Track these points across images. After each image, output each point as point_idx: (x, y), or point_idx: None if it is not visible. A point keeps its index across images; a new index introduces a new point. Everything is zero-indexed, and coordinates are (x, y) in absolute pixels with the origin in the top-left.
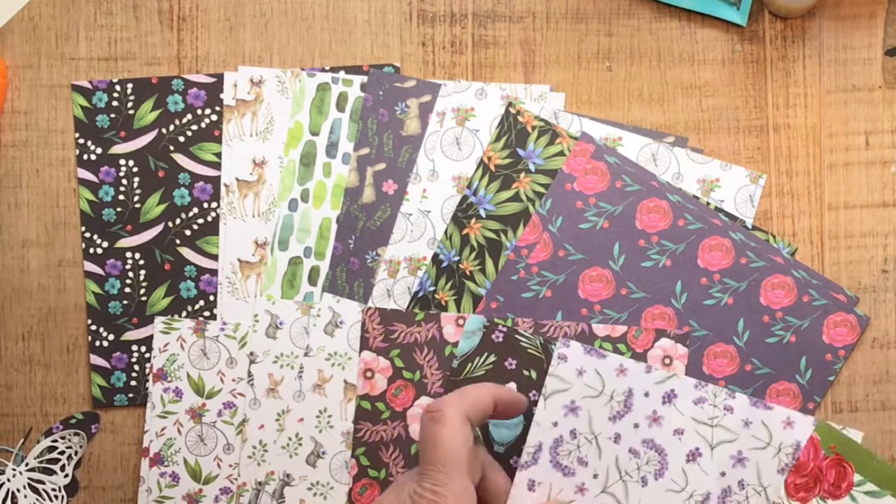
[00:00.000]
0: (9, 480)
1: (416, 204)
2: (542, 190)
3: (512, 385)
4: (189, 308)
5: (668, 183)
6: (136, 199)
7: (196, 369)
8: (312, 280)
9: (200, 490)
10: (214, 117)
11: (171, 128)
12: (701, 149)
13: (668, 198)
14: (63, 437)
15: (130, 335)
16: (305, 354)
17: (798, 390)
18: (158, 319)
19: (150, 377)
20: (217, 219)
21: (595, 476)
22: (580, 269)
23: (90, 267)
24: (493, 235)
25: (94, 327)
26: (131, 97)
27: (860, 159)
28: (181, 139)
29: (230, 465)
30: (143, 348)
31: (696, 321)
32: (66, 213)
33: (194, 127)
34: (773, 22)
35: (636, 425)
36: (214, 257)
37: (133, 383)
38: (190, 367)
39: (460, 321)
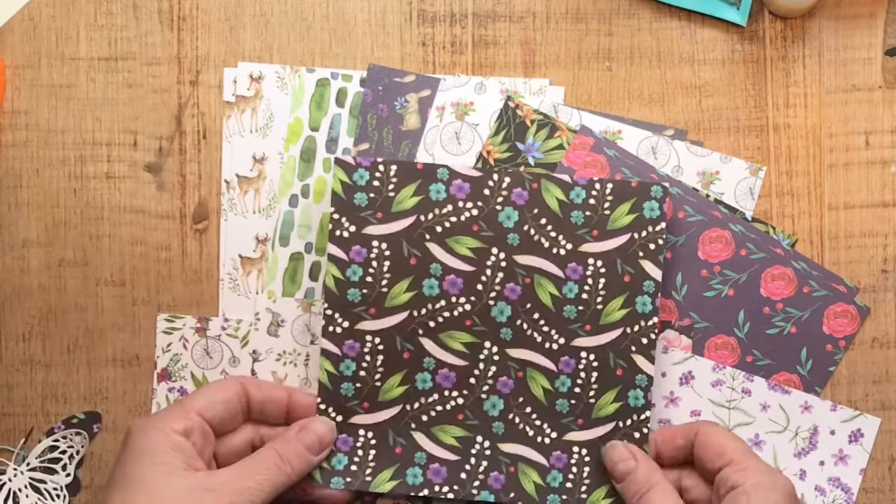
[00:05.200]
0: (10, 480)
1: None
2: None
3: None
4: (422, 400)
5: (667, 175)
6: (384, 282)
7: (200, 368)
8: (314, 276)
9: None
10: (475, 212)
11: (430, 216)
12: (701, 142)
13: None
14: (64, 437)
15: (358, 419)
16: (311, 343)
17: (799, 381)
18: (161, 318)
19: (155, 377)
20: (463, 314)
21: None
22: None
23: (327, 345)
24: None
25: (322, 406)
26: (393, 179)
27: (860, 159)
28: (438, 229)
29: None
30: (370, 434)
31: (697, 313)
32: (67, 213)
33: (453, 219)
34: (773, 22)
35: (653, 405)
36: (456, 352)
37: (353, 468)
38: (193, 367)
39: None
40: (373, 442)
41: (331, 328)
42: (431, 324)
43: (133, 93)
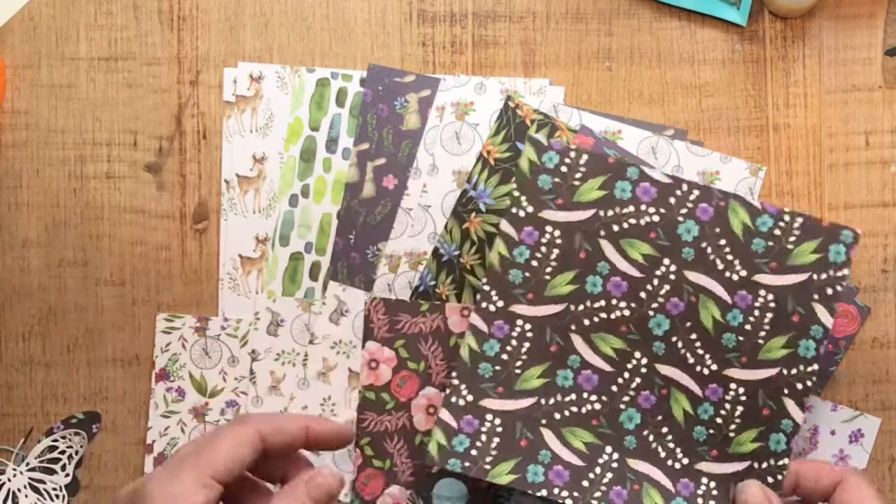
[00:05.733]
0: (10, 480)
1: (416, 199)
2: None
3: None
4: (559, 397)
5: None
6: (548, 270)
7: (198, 368)
8: (314, 275)
9: None
10: (656, 218)
11: (610, 213)
12: (701, 141)
13: None
14: (64, 437)
15: (489, 402)
16: (310, 342)
17: None
18: (160, 317)
19: (153, 377)
20: (619, 319)
21: None
22: None
23: (476, 321)
24: (493, 229)
25: (455, 382)
26: (582, 168)
27: (860, 159)
28: (615, 228)
29: None
30: (498, 421)
31: None
32: (67, 213)
33: (632, 220)
34: (773, 22)
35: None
36: (604, 356)
37: (473, 452)
38: (192, 367)
39: (465, 312)
40: (499, 430)
41: (484, 304)
42: (586, 322)
43: (133, 93)
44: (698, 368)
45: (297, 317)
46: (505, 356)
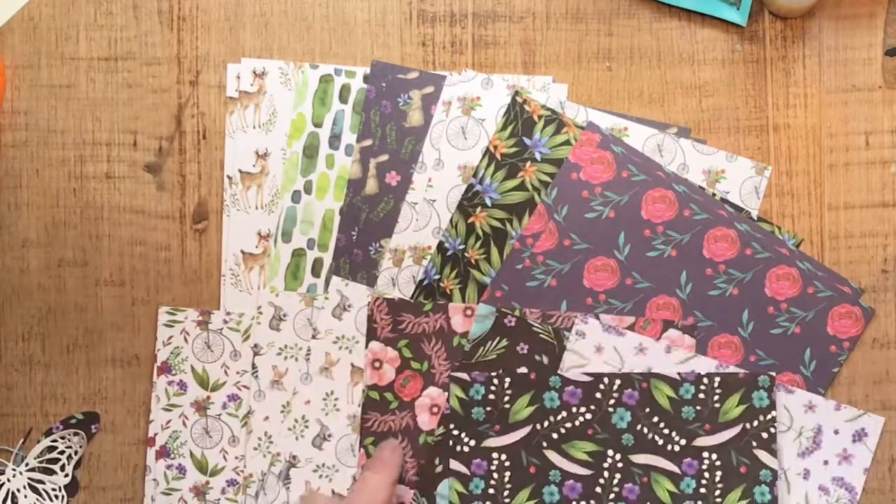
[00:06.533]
0: (9, 480)
1: (421, 193)
2: (547, 179)
3: (523, 369)
4: None
5: (673, 173)
6: (505, 493)
7: (200, 362)
8: (316, 272)
9: (207, 482)
10: (589, 416)
11: (546, 424)
12: (705, 140)
13: (673, 188)
14: (63, 437)
15: None
16: (313, 337)
17: (802, 381)
18: (163, 310)
19: (155, 370)
20: None
21: None
22: (585, 259)
23: None
24: (498, 224)
25: None
26: (508, 391)
27: (860, 159)
28: (554, 436)
29: (236, 458)
30: None
31: (701, 312)
32: (66, 213)
33: (568, 424)
34: (773, 22)
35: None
36: None
37: None
38: (194, 360)
39: (468, 312)
40: None
41: None
42: None
43: (133, 93)
44: None
45: (300, 311)
46: None
